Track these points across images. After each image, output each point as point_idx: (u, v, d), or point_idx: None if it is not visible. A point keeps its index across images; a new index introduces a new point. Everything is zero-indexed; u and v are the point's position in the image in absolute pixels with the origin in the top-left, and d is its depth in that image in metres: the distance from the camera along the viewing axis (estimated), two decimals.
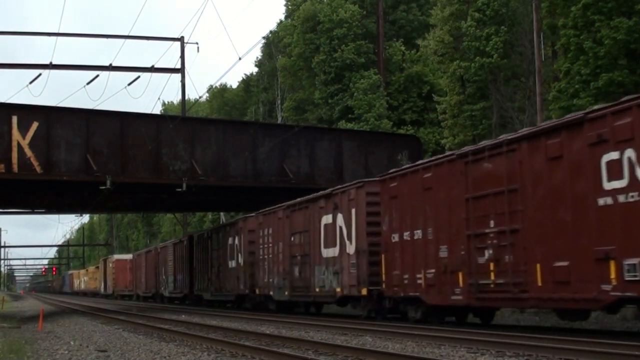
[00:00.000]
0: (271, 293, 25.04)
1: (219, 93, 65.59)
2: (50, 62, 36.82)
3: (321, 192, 21.99)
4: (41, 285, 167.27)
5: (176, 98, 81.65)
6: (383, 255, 18.24)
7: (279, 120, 48.97)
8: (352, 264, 19.49)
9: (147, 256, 48.82)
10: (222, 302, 33.36)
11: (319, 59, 41.14)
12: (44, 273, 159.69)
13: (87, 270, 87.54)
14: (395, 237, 17.73)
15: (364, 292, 18.94)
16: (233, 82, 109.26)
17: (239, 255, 28.23)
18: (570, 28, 23.24)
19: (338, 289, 20.26)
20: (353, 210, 19.54)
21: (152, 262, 46.34)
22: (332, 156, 29.88)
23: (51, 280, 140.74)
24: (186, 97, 45.12)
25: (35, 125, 24.87)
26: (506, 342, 11.91)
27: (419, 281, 16.82)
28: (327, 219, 21.15)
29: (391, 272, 17.86)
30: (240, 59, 20.72)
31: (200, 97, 57.11)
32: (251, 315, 24.01)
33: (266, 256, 25.56)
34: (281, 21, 53.14)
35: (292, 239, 23.40)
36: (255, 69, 58.91)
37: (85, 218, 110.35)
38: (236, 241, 28.64)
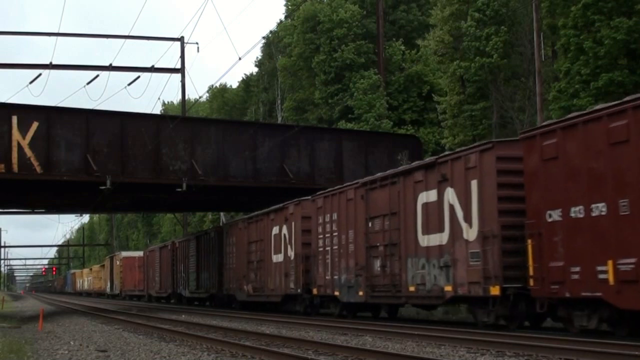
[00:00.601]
0: (336, 293, 20.74)
1: (219, 93, 65.59)
2: (50, 62, 36.87)
3: (417, 163, 17.97)
4: (42, 285, 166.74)
5: (176, 98, 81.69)
6: (530, 241, 13.70)
7: (279, 120, 48.95)
8: (474, 253, 15.28)
9: (162, 252, 44.19)
10: (261, 304, 28.37)
11: (319, 59, 41.13)
12: (44, 273, 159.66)
13: (91, 269, 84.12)
14: (555, 215, 13.21)
15: (495, 291, 14.62)
16: (233, 82, 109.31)
17: (289, 247, 24.01)
18: (570, 28, 23.24)
19: (447, 287, 16.14)
20: (474, 183, 15.37)
21: (168, 258, 41.76)
22: (332, 156, 29.88)
23: (52, 280, 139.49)
24: (186, 97, 45.17)
25: (35, 125, 24.87)
26: (506, 342, 11.92)
27: (601, 276, 12.20)
28: (427, 196, 16.88)
29: (547, 263, 13.29)
30: (240, 59, 20.70)
31: (200, 97, 57.22)
32: (251, 315, 24.00)
33: (328, 248, 21.31)
34: (281, 21, 53.12)
35: (370, 224, 19.10)
36: (255, 69, 58.96)
37: (85, 218, 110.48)
38: (284, 230, 24.38)
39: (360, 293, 19.43)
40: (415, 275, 17.20)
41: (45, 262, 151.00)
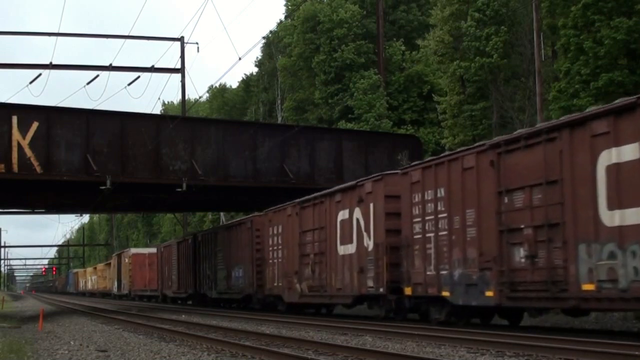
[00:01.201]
0: (445, 294, 16.07)
1: (219, 93, 65.62)
2: (50, 62, 36.87)
3: (593, 110, 12.91)
4: (42, 285, 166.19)
5: (176, 98, 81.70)
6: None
7: (279, 120, 48.97)
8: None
9: (181, 247, 38.81)
10: (318, 307, 25.06)
11: (319, 59, 41.14)
12: (44, 273, 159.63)
13: (95, 268, 79.00)
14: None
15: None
16: (233, 82, 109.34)
17: (364, 235, 19.17)
18: (570, 28, 23.24)
19: None
20: None
21: (189, 254, 36.83)
22: (332, 156, 29.89)
23: (53, 279, 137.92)
24: (186, 97, 45.18)
25: (35, 125, 24.87)
26: (506, 342, 11.92)
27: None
28: (614, 154, 12.03)
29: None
30: (240, 59, 20.68)
31: (200, 97, 57.22)
32: (251, 315, 24.00)
33: (431, 234, 16.53)
34: (281, 21, 53.13)
35: (507, 200, 14.10)
36: (255, 69, 58.98)
37: (85, 218, 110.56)
38: (356, 215, 19.69)
39: (489, 293, 14.70)
40: (596, 267, 12.22)
41: (45, 262, 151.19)
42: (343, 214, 20.27)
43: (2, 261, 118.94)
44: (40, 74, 36.53)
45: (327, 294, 21.24)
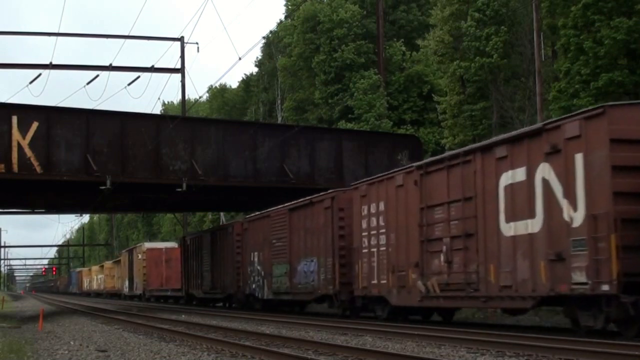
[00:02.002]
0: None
1: (219, 93, 65.61)
2: (50, 62, 36.85)
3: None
4: (42, 285, 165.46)
5: (176, 98, 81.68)
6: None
7: (279, 120, 48.97)
8: None
9: (218, 237, 31.90)
10: (448, 311, 18.86)
11: (319, 59, 41.14)
12: (44, 273, 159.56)
13: (102, 266, 73.03)
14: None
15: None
16: (233, 82, 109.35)
17: (562, 205, 13.08)
18: (570, 28, 23.24)
19: None
20: None
21: (228, 245, 30.22)
22: (332, 156, 29.89)
23: (54, 279, 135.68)
24: (186, 97, 45.17)
25: (35, 125, 24.87)
26: (506, 342, 11.92)
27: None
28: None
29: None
30: (240, 59, 20.67)
31: (200, 97, 57.27)
32: (251, 315, 23.99)
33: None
34: (281, 21, 53.15)
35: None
36: (255, 69, 58.99)
37: (85, 218, 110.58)
38: (542, 175, 13.62)
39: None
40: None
41: (45, 262, 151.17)
42: (512, 176, 14.42)
43: (2, 261, 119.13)
44: (40, 74, 36.55)
45: (481, 295, 15.14)
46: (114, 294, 62.35)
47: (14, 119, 24.65)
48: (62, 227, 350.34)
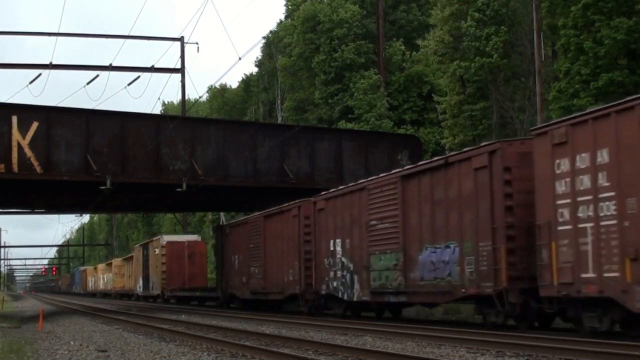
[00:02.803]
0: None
1: (219, 93, 65.60)
2: (50, 62, 36.90)
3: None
4: (43, 285, 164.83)
5: (176, 98, 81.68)
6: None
7: (279, 120, 48.96)
8: None
9: (276, 222, 25.36)
10: None
11: (319, 59, 41.14)
12: (44, 273, 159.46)
13: (109, 264, 66.81)
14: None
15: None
16: (233, 82, 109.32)
17: None
18: (570, 28, 23.24)
19: None
20: None
21: (287, 233, 24.05)
22: (332, 156, 29.87)
23: (55, 279, 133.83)
24: (186, 97, 45.21)
25: (35, 125, 24.86)
26: (506, 342, 11.92)
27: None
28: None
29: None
30: (240, 59, 20.65)
31: (200, 97, 57.30)
32: (251, 315, 23.98)
33: None
34: (281, 21, 53.15)
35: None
36: (255, 69, 58.98)
37: (85, 218, 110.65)
38: None
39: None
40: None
41: (45, 262, 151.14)
42: None
43: (2, 261, 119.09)
44: (40, 74, 36.59)
45: None
46: (124, 295, 56.98)
47: (14, 119, 24.64)
48: (62, 227, 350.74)
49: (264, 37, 56.27)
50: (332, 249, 21.23)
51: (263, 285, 26.22)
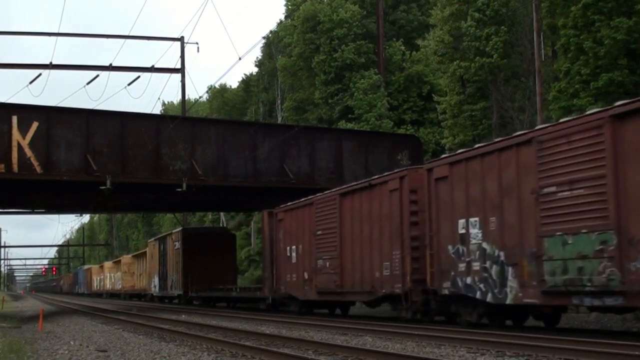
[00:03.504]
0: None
1: (219, 93, 65.63)
2: (50, 62, 36.93)
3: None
4: (44, 285, 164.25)
5: (176, 98, 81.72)
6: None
7: (279, 120, 48.97)
8: None
9: (352, 203, 20.26)
10: None
11: (319, 59, 41.15)
12: (44, 273, 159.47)
13: (117, 262, 62.60)
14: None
15: None
16: (233, 82, 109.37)
17: None
18: (570, 28, 23.24)
19: None
20: None
21: (379, 215, 18.79)
22: (332, 156, 29.88)
23: (56, 278, 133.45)
24: (186, 97, 45.20)
25: (35, 125, 24.87)
26: (506, 342, 11.91)
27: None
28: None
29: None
30: (240, 59, 20.64)
31: (200, 97, 57.31)
32: (251, 315, 23.99)
33: None
34: (281, 21, 53.16)
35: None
36: (255, 69, 58.99)
37: (85, 218, 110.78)
38: None
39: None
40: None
41: (45, 262, 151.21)
42: None
43: (2, 261, 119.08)
44: (40, 74, 36.62)
45: None
46: (135, 295, 52.61)
47: (14, 119, 24.65)
48: (62, 227, 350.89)
49: (264, 37, 56.34)
50: (462, 231, 15.78)
51: (338, 283, 21.01)
